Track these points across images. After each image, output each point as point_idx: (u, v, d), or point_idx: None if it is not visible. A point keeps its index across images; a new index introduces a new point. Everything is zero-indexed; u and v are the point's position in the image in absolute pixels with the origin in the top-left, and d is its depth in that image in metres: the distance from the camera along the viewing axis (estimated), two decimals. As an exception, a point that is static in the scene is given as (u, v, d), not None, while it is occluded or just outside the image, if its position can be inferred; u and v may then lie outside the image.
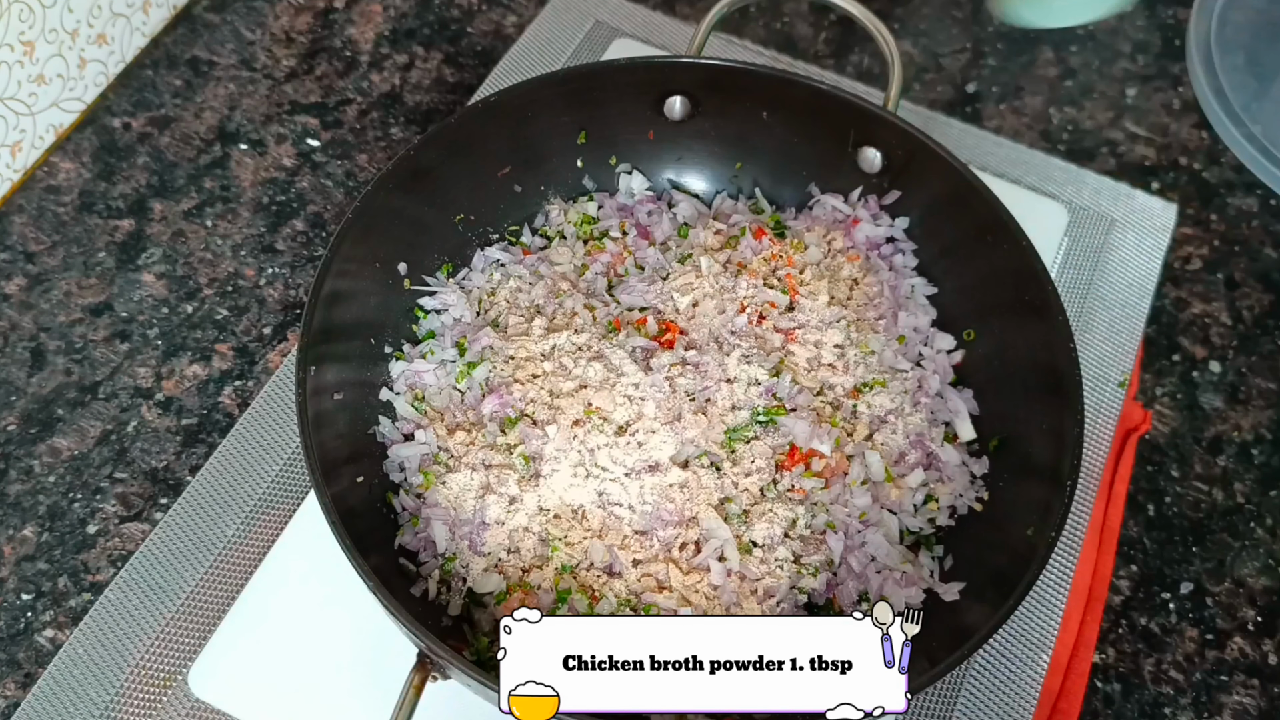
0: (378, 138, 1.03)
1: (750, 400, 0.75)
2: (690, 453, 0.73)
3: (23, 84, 0.94)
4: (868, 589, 0.72)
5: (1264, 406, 0.93)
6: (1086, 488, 0.83)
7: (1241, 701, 0.80)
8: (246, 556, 0.78)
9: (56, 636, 0.77)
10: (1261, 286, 0.99)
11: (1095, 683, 0.80)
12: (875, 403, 0.77)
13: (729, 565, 0.70)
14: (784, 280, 0.81)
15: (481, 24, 1.12)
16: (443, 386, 0.78)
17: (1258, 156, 1.05)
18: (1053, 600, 0.79)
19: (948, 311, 0.82)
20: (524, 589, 0.70)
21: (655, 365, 0.75)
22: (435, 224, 0.81)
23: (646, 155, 0.88)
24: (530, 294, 0.81)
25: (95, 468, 0.84)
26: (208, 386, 0.88)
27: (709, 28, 0.86)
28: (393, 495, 0.74)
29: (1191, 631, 0.82)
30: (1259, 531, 0.87)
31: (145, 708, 0.72)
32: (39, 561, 0.80)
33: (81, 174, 0.99)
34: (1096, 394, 0.88)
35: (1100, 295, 0.93)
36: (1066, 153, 1.05)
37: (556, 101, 0.82)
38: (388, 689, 0.62)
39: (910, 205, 0.84)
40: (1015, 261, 0.74)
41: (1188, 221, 1.02)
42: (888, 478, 0.75)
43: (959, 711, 0.74)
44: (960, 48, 1.13)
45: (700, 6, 1.14)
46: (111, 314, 0.91)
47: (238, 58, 1.07)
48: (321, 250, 0.96)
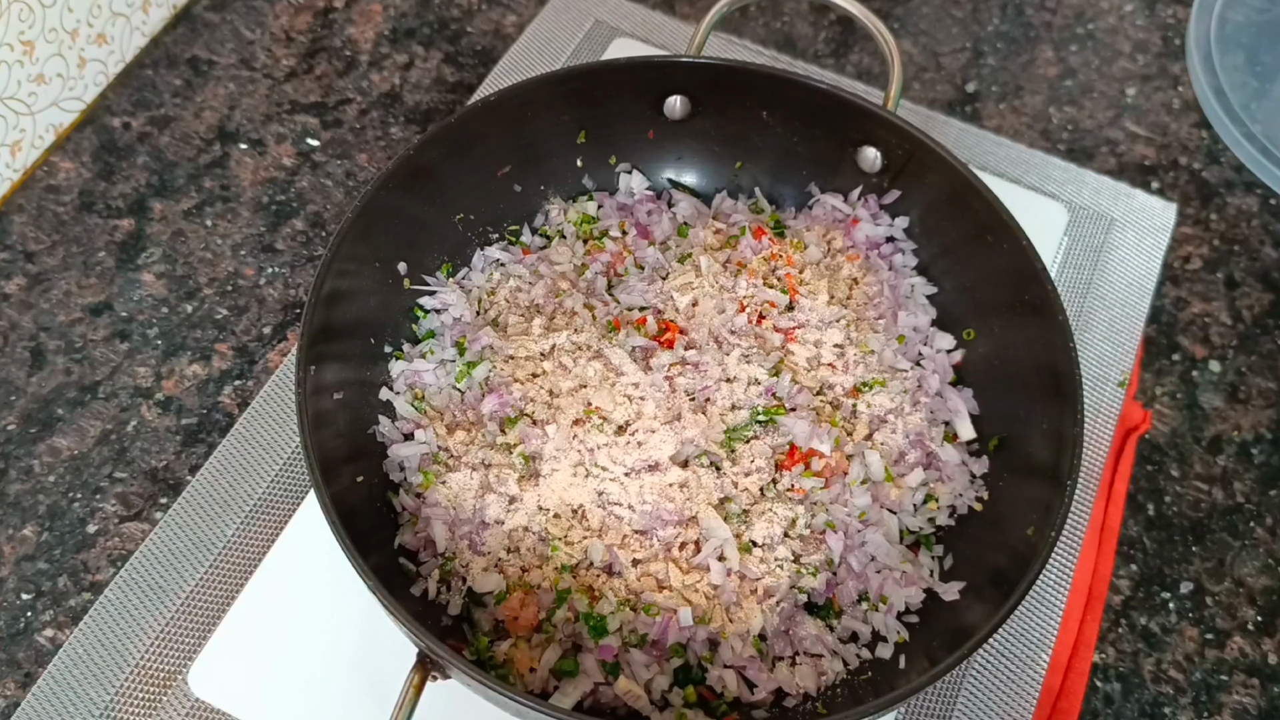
0: (378, 137, 1.03)
1: (750, 400, 0.75)
2: (690, 452, 0.73)
3: (22, 83, 0.94)
4: (868, 589, 0.72)
5: (1264, 406, 0.93)
6: (1086, 487, 0.83)
7: (1241, 701, 0.80)
8: (246, 556, 0.78)
9: (56, 636, 0.77)
10: (1261, 286, 0.99)
11: (1095, 682, 0.80)
12: (875, 402, 0.77)
13: (729, 565, 0.70)
14: (784, 280, 0.81)
15: (481, 23, 1.12)
16: (442, 386, 0.78)
17: (1258, 156, 1.05)
18: (1053, 600, 0.79)
19: (948, 311, 0.82)
20: (524, 589, 0.70)
21: (655, 365, 0.75)
22: (435, 223, 0.81)
23: (646, 155, 0.88)
24: (530, 293, 0.81)
25: (95, 467, 0.84)
26: (207, 386, 0.88)
27: (709, 27, 0.86)
28: (393, 495, 0.74)
29: (1191, 631, 0.82)
30: (1259, 531, 0.87)
31: (145, 707, 0.72)
32: (39, 561, 0.80)
33: (81, 174, 0.99)
34: (1096, 394, 0.88)
35: (1100, 295, 0.93)
36: (1066, 152, 1.05)
37: (556, 101, 0.82)
38: (388, 689, 0.62)
39: (910, 205, 0.84)
40: (1015, 261, 0.74)
41: (1187, 221, 1.02)
42: (888, 477, 0.75)
43: (959, 711, 0.74)
44: (960, 47, 1.13)
45: (700, 6, 1.14)
46: (111, 313, 0.91)
47: (237, 57, 1.07)
48: (321, 250, 0.96)
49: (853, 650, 0.70)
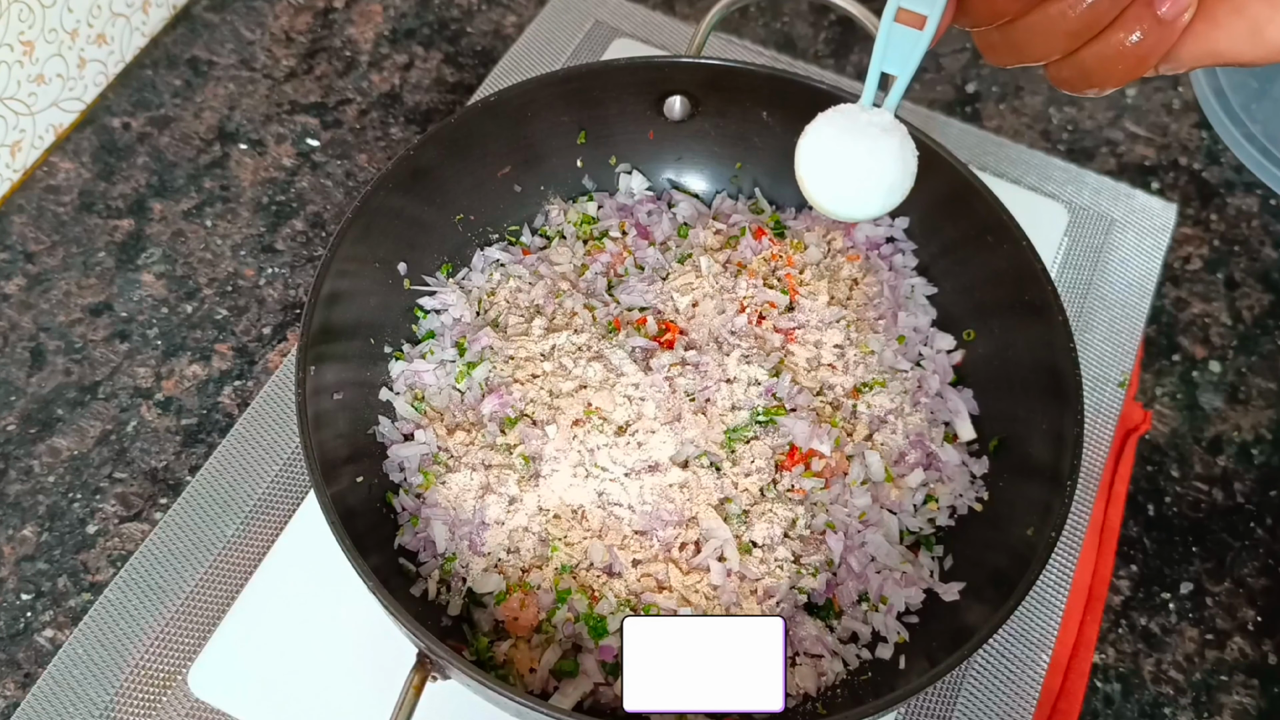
0: (377, 138, 1.03)
1: (750, 400, 0.75)
2: (690, 453, 0.73)
3: (22, 84, 0.94)
4: (867, 589, 0.72)
5: (1264, 406, 0.93)
6: (1086, 488, 0.83)
7: (1241, 701, 0.80)
8: (246, 556, 0.78)
9: (56, 636, 0.77)
10: (1261, 286, 0.99)
11: (1095, 683, 0.80)
12: (875, 403, 0.77)
13: (729, 565, 0.70)
14: (784, 280, 0.81)
15: (481, 24, 1.12)
16: (442, 386, 0.78)
17: (1258, 156, 1.05)
18: (1053, 600, 0.79)
19: (948, 311, 0.82)
20: (524, 589, 0.70)
21: (655, 365, 0.75)
22: (435, 224, 0.81)
23: (646, 155, 0.88)
24: (530, 294, 0.81)
25: (95, 468, 0.84)
26: (207, 386, 0.88)
27: (709, 28, 0.86)
28: (392, 495, 0.74)
29: (1191, 631, 0.82)
30: (1259, 531, 0.87)
31: (145, 708, 0.72)
32: (39, 561, 0.80)
33: (81, 174, 0.99)
34: (1096, 394, 0.88)
35: (1100, 295, 0.93)
36: (1066, 153, 1.05)
37: (556, 101, 0.82)
38: (387, 689, 0.61)
39: (910, 205, 0.83)
40: (1015, 261, 0.74)
41: (1187, 221, 1.02)
42: (888, 478, 0.75)
43: (959, 711, 0.74)
44: (960, 47, 1.13)
45: (700, 6, 1.14)
46: (111, 314, 0.91)
47: (237, 57, 1.07)
48: (321, 250, 0.96)
49: (853, 651, 0.70)
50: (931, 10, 0.49)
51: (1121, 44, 0.45)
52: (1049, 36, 0.46)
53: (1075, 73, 0.47)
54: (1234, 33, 0.46)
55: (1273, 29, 0.46)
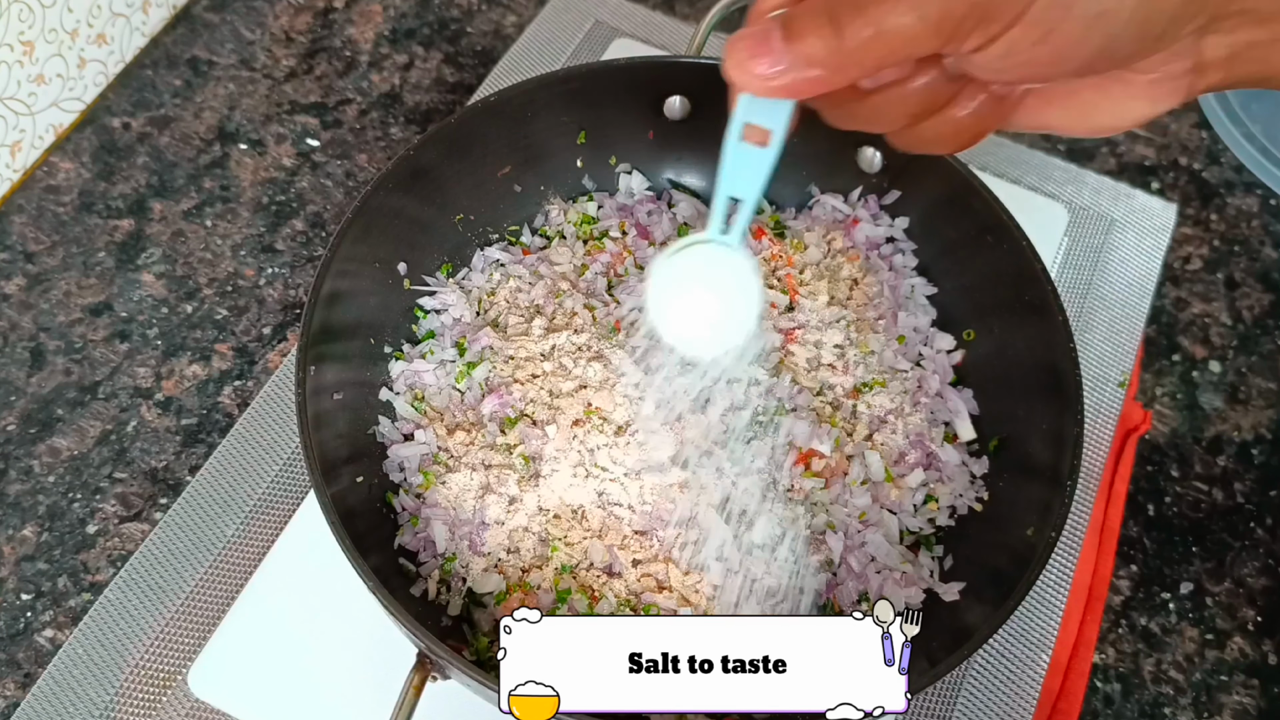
0: (377, 138, 1.03)
1: (750, 400, 0.75)
2: (690, 453, 0.73)
3: (22, 84, 0.94)
4: (868, 589, 0.72)
5: (1264, 406, 0.93)
6: (1086, 488, 0.83)
7: (1241, 701, 0.80)
8: (246, 556, 0.78)
9: (56, 636, 0.77)
10: (1261, 286, 0.99)
11: (1095, 683, 0.80)
12: (875, 403, 0.77)
13: (729, 565, 0.70)
14: (784, 280, 0.81)
15: (481, 24, 1.12)
16: (442, 386, 0.78)
17: (1258, 156, 1.05)
18: (1053, 600, 0.79)
19: (948, 311, 0.82)
20: (524, 589, 0.70)
21: (655, 365, 0.75)
22: (435, 224, 0.81)
23: (646, 155, 0.88)
24: (530, 294, 0.81)
25: (95, 468, 0.84)
26: (207, 386, 0.88)
27: (709, 28, 0.86)
28: (392, 495, 0.74)
29: (1191, 631, 0.82)
30: (1259, 531, 0.87)
31: (145, 708, 0.72)
32: (39, 561, 0.80)
33: (81, 174, 0.99)
34: (1096, 394, 0.88)
35: (1100, 295, 0.93)
36: (1066, 153, 1.05)
37: (556, 101, 0.82)
38: (388, 689, 0.61)
39: (910, 205, 0.84)
40: (1015, 261, 0.74)
41: (1187, 221, 1.02)
42: (888, 478, 0.75)
43: (959, 711, 0.74)
44: (960, 48, 1.13)
45: (700, 6, 1.14)
46: (111, 314, 0.91)
47: (237, 57, 1.07)
48: (321, 250, 0.96)
49: (853, 651, 0.70)
50: (777, 124, 0.49)
51: (955, 118, 0.48)
52: (891, 114, 0.48)
53: (914, 140, 0.50)
54: (1066, 111, 0.49)
55: (1099, 113, 0.49)
